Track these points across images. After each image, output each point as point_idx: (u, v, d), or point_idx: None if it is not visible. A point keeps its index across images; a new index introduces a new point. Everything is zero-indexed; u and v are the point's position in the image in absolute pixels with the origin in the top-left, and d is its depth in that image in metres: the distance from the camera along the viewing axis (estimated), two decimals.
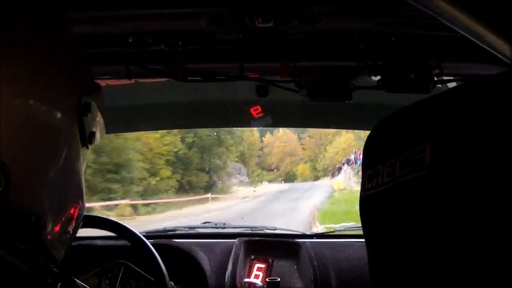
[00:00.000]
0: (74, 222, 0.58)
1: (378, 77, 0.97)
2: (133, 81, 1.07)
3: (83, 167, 0.60)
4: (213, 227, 2.01)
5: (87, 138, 0.58)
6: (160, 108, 1.54)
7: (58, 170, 0.53)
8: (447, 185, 0.40)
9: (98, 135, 0.61)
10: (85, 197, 0.62)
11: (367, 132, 0.57)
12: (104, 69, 1.01)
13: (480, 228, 0.37)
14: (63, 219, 0.56)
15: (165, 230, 1.86)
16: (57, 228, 0.54)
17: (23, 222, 0.47)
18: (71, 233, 0.59)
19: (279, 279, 1.35)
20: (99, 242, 1.56)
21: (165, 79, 1.02)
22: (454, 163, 0.39)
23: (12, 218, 0.46)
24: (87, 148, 0.59)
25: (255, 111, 1.20)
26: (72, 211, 0.57)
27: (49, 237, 0.52)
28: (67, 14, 0.65)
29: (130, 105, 1.50)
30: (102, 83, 1.14)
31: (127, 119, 1.65)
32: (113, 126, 1.82)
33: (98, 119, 0.61)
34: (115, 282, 1.33)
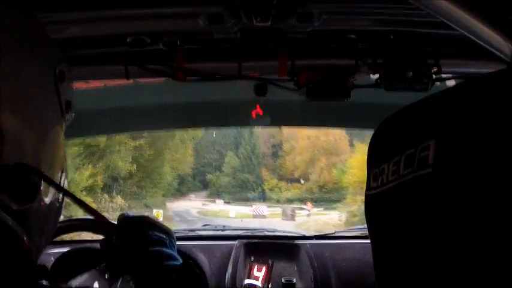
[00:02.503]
0: (60, 193, 0.59)
1: (377, 75, 0.97)
2: (132, 81, 1.07)
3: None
4: (212, 229, 2.00)
5: (65, 107, 0.61)
6: (159, 109, 1.54)
7: (44, 136, 0.55)
8: (452, 182, 0.40)
9: (72, 107, 0.63)
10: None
11: None
12: (102, 69, 1.01)
13: (485, 225, 0.37)
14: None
15: None
16: (49, 193, 0.55)
17: (20, 181, 0.48)
18: (60, 201, 0.60)
19: (294, 280, 1.34)
20: (98, 245, 1.54)
21: (164, 79, 1.02)
22: (458, 160, 0.39)
23: (10, 176, 0.47)
24: (64, 118, 0.62)
25: (254, 110, 1.20)
26: (59, 179, 0.59)
27: (42, 203, 0.53)
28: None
29: (129, 106, 1.50)
30: (101, 83, 1.14)
31: (126, 120, 1.64)
32: (113, 126, 1.82)
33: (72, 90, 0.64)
34: (115, 281, 1.32)
